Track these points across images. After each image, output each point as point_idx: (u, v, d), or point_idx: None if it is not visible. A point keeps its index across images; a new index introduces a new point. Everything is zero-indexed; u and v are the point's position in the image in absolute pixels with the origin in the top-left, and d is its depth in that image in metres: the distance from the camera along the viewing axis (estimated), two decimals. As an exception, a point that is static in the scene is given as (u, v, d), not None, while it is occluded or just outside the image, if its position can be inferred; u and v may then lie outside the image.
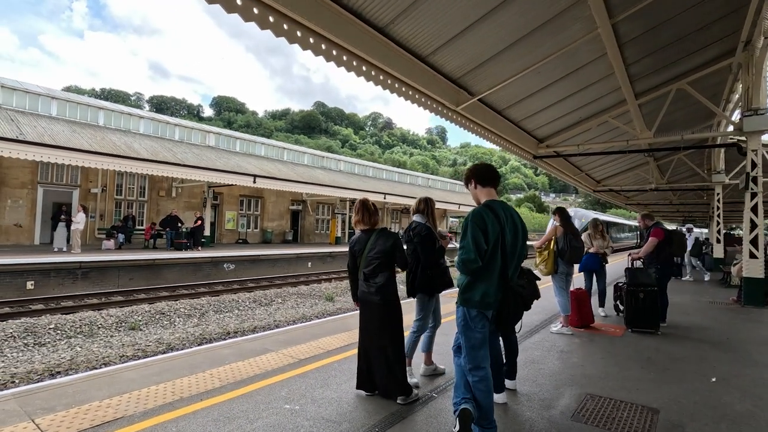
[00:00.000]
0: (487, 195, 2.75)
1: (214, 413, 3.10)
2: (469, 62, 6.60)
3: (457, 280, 2.72)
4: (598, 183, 18.57)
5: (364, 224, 3.56)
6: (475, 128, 8.43)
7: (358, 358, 3.55)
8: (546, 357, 4.72)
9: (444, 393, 3.62)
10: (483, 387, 2.57)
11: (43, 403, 3.19)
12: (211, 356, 4.45)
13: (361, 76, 5.32)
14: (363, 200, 3.62)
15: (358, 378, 3.54)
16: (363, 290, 3.49)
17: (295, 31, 4.29)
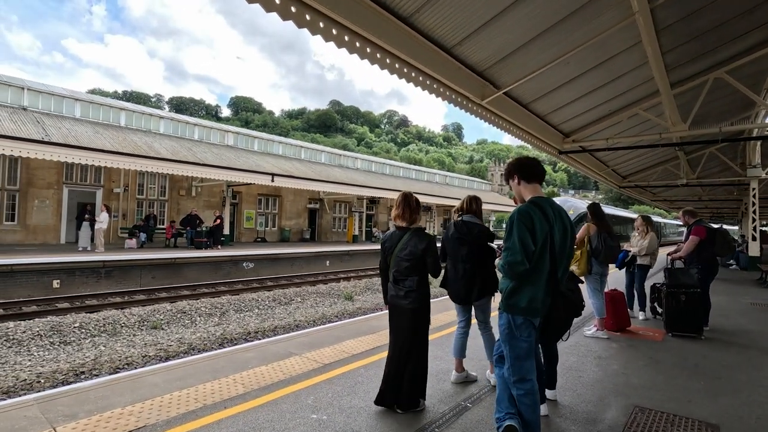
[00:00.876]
0: (533, 191, 2.52)
1: (239, 423, 2.95)
2: (496, 54, 6.33)
3: (500, 284, 2.50)
4: (624, 179, 17.97)
5: (402, 220, 3.31)
6: (500, 123, 8.14)
7: (387, 364, 3.31)
8: (583, 363, 4.45)
9: (478, 403, 3.41)
10: (529, 401, 2.35)
11: (66, 410, 3.11)
12: (234, 360, 4.33)
13: (385, 68, 5.12)
14: (406, 194, 3.37)
15: (382, 386, 3.27)
16: (392, 293, 3.29)
17: (317, 22, 4.13)
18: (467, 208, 3.79)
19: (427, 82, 5.92)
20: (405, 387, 3.18)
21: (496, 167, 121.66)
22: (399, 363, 3.23)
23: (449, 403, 3.39)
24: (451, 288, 3.70)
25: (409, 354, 3.20)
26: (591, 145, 11.02)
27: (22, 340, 7.54)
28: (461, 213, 3.81)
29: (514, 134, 9.08)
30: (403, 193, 3.40)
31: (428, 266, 3.20)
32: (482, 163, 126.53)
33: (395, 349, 3.28)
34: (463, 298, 3.67)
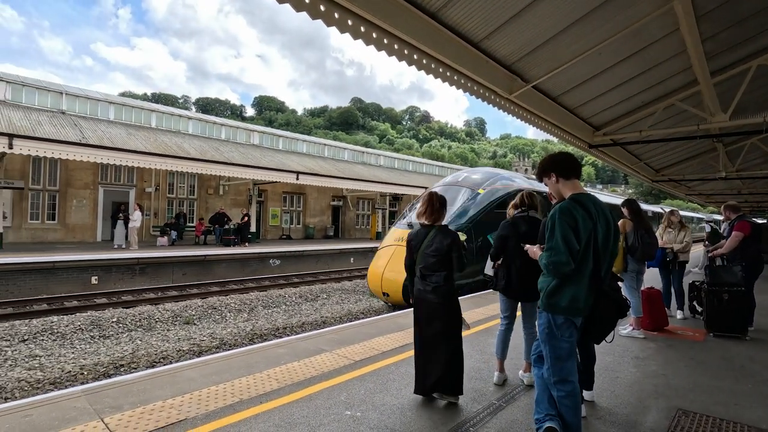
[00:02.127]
0: (573, 188, 2.45)
1: (275, 418, 3.01)
2: (525, 46, 6.18)
3: (539, 282, 2.45)
4: (657, 172, 17.30)
5: (426, 218, 3.44)
6: (528, 117, 7.97)
7: (416, 357, 3.43)
8: (620, 364, 4.32)
9: (512, 403, 3.36)
10: (570, 403, 2.30)
11: (111, 401, 3.24)
12: (267, 355, 4.41)
13: (413, 64, 5.08)
14: (431, 193, 3.50)
15: (417, 381, 3.39)
16: (419, 288, 3.38)
17: (346, 20, 4.14)
18: (530, 203, 3.77)
19: (455, 77, 5.85)
20: (437, 376, 3.25)
21: (520, 162, 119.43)
22: (427, 356, 3.33)
23: (482, 402, 3.36)
24: (511, 284, 3.62)
25: (439, 346, 3.28)
26: (623, 138, 10.66)
27: (65, 334, 7.91)
28: (525, 209, 3.76)
29: (542, 128, 8.88)
30: (428, 192, 3.55)
31: (454, 261, 3.31)
32: (506, 158, 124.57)
33: (422, 341, 3.38)
34: (525, 296, 3.63)
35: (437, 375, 3.26)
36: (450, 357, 3.27)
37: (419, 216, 3.49)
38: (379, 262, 9.13)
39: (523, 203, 3.85)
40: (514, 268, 3.63)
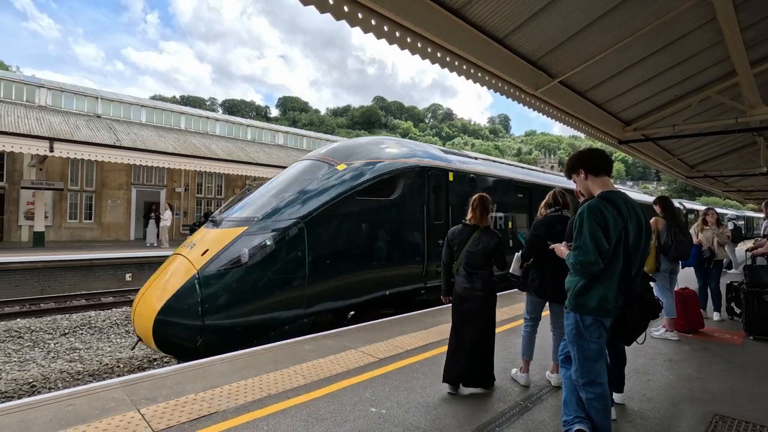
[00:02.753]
0: (602, 185, 2.39)
1: (302, 413, 3.07)
2: (551, 41, 6.05)
3: (566, 282, 2.40)
4: (692, 168, 16.60)
5: (475, 220, 3.63)
6: (554, 113, 7.80)
7: (449, 350, 3.61)
8: (652, 366, 4.19)
9: (539, 403, 3.31)
10: (599, 405, 2.25)
11: (147, 393, 3.38)
12: (293, 351, 4.50)
13: (436, 62, 5.06)
14: (482, 196, 3.70)
15: (446, 371, 3.55)
16: (465, 287, 3.55)
17: (369, 20, 4.16)
18: (563, 202, 3.71)
19: (479, 74, 5.79)
20: (476, 366, 3.48)
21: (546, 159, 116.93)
22: (465, 348, 3.52)
23: (508, 402, 3.33)
24: (545, 286, 3.56)
25: (479, 336, 3.52)
26: (655, 133, 10.29)
27: (102, 328, 8.28)
28: (558, 208, 3.69)
29: (569, 124, 8.67)
30: (479, 195, 3.72)
31: (497, 261, 3.58)
32: (531, 155, 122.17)
33: (462, 335, 3.56)
34: (558, 296, 3.54)
35: (471, 367, 3.47)
36: (484, 350, 3.52)
37: (471, 219, 3.63)
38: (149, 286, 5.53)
39: (556, 202, 3.76)
40: (548, 269, 3.57)
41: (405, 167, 6.96)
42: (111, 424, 2.86)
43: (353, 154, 6.90)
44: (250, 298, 5.13)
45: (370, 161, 6.74)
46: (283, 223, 5.52)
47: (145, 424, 2.88)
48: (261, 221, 5.52)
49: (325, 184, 6.10)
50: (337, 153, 6.96)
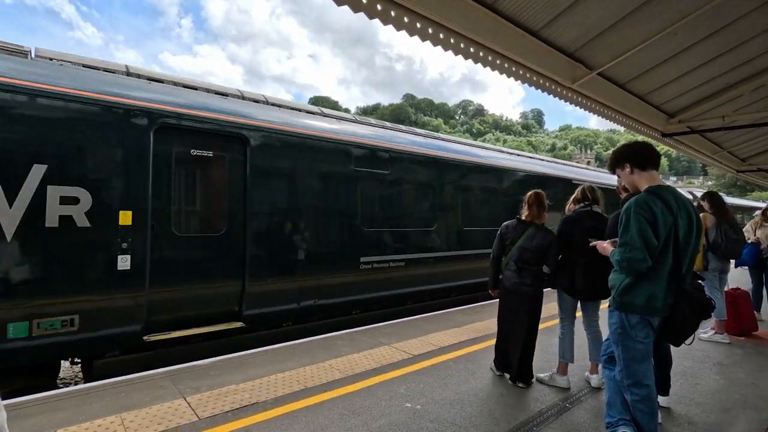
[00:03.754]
0: (650, 180, 2.29)
1: (339, 406, 3.13)
2: (589, 31, 5.83)
3: (610, 279, 2.33)
4: (742, 162, 15.58)
5: (532, 217, 3.63)
6: (592, 106, 7.52)
7: (497, 340, 3.78)
8: (701, 370, 3.99)
9: (578, 404, 3.23)
10: (645, 408, 2.17)
11: (191, 383, 3.54)
12: (327, 346, 4.58)
13: (469, 58, 4.99)
14: (538, 193, 3.69)
15: (496, 358, 3.79)
16: (514, 281, 3.58)
17: (402, 17, 4.16)
18: (593, 197, 3.62)
19: (513, 69, 5.67)
20: (514, 360, 3.59)
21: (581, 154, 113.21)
22: (508, 338, 3.66)
23: (545, 402, 3.27)
24: (575, 283, 3.49)
25: (523, 332, 3.57)
26: (702, 125, 9.73)
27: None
28: (588, 203, 3.60)
29: (608, 117, 8.34)
30: (535, 192, 3.72)
31: (549, 258, 3.55)
32: (566, 150, 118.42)
33: (509, 329, 3.66)
34: (589, 295, 3.51)
35: (517, 365, 3.58)
36: (527, 345, 3.57)
37: (527, 216, 3.67)
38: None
39: (585, 198, 3.66)
40: (578, 266, 3.48)
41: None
42: (161, 411, 3.02)
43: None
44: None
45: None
46: None
47: (191, 411, 3.02)
48: None
49: None
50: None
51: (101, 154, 4.08)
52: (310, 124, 5.89)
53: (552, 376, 3.63)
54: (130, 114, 4.23)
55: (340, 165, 5.97)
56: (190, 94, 4.96)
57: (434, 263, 7.16)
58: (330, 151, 5.83)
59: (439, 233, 7.29)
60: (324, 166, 5.75)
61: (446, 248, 7.42)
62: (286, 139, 5.38)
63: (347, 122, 6.78)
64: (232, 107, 5.12)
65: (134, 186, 4.19)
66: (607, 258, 2.86)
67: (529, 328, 3.58)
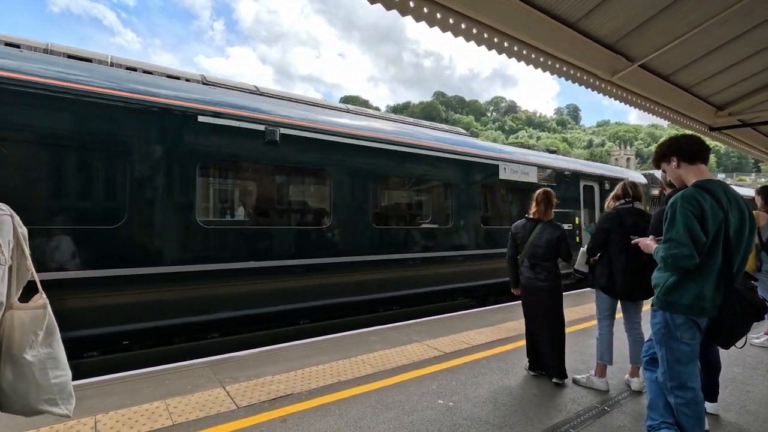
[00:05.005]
0: (698, 174, 2.19)
1: (371, 400, 3.17)
2: (630, 21, 5.59)
3: (654, 278, 2.24)
4: (800, 157, 14.53)
5: (539, 214, 3.72)
6: (633, 99, 7.20)
7: (527, 340, 3.82)
8: (752, 376, 3.77)
9: (618, 407, 3.13)
10: (691, 412, 2.08)
11: (230, 373, 3.68)
12: (360, 342, 4.64)
13: (503, 52, 4.91)
14: (546, 191, 3.79)
15: (529, 358, 3.81)
16: (529, 276, 3.66)
17: (435, 13, 4.14)
18: (634, 193, 3.51)
19: (549, 62, 5.52)
20: (546, 357, 3.61)
21: (620, 151, 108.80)
22: (535, 336, 3.70)
23: (583, 404, 3.18)
24: (615, 282, 3.37)
25: (547, 327, 3.61)
26: (755, 117, 9.13)
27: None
28: (629, 200, 3.49)
29: (650, 111, 7.97)
30: (544, 190, 3.81)
31: (562, 252, 3.60)
32: (603, 147, 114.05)
33: (534, 326, 3.72)
34: (629, 294, 3.39)
35: (548, 362, 3.60)
36: (555, 340, 3.57)
37: (534, 213, 3.75)
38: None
39: (626, 194, 3.54)
40: (618, 264, 3.36)
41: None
42: (201, 398, 3.16)
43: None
44: None
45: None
46: None
47: (230, 400, 3.14)
48: None
49: None
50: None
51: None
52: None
53: (589, 378, 3.52)
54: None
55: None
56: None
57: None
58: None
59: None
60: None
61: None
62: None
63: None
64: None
65: None
66: (650, 257, 2.72)
67: (553, 322, 3.59)
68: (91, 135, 4.06)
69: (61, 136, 3.93)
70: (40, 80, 3.85)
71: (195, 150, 4.62)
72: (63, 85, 3.96)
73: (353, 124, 6.17)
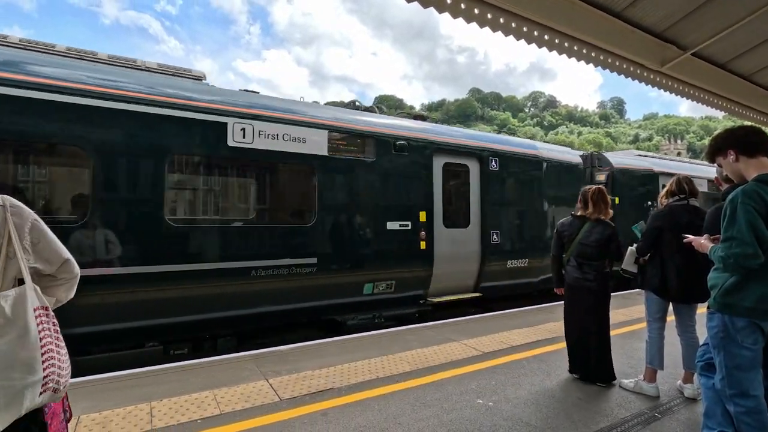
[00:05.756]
0: (759, 167, 2.04)
1: (410, 397, 3.19)
2: (682, 7, 5.28)
3: (711, 278, 2.12)
4: None
5: (591, 212, 3.58)
6: (685, 90, 6.80)
7: (567, 340, 3.70)
8: (823, 387, 3.47)
9: (670, 414, 2.98)
10: (753, 421, 1.95)
11: (272, 366, 3.81)
12: (397, 339, 4.67)
13: (543, 46, 4.77)
14: (600, 188, 3.67)
15: (570, 361, 3.68)
16: (576, 276, 3.54)
17: (472, 9, 4.10)
18: (690, 189, 3.33)
19: (592, 54, 5.32)
20: (591, 359, 3.48)
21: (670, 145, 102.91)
22: (579, 337, 3.55)
23: (631, 410, 3.05)
24: (667, 283, 3.21)
25: (593, 328, 3.48)
26: (825, 106, 8.39)
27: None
28: (683, 196, 3.31)
29: (704, 101, 7.48)
30: (597, 188, 3.68)
31: (612, 252, 3.49)
32: (651, 141, 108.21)
33: (576, 325, 3.58)
34: (683, 296, 3.22)
35: (594, 365, 3.46)
36: (601, 343, 3.47)
37: (591, 214, 3.59)
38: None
39: (681, 190, 3.35)
40: (671, 264, 3.19)
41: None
42: (247, 389, 3.30)
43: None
44: None
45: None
46: None
47: (273, 392, 3.25)
48: None
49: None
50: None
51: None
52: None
53: (638, 383, 3.37)
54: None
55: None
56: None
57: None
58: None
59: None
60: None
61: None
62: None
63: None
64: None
65: None
66: (705, 257, 2.54)
67: (598, 323, 3.48)
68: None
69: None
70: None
71: None
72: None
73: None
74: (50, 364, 1.41)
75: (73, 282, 1.61)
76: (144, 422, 2.78)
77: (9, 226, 1.39)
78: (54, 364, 1.43)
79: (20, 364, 1.33)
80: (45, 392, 1.39)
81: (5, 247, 1.39)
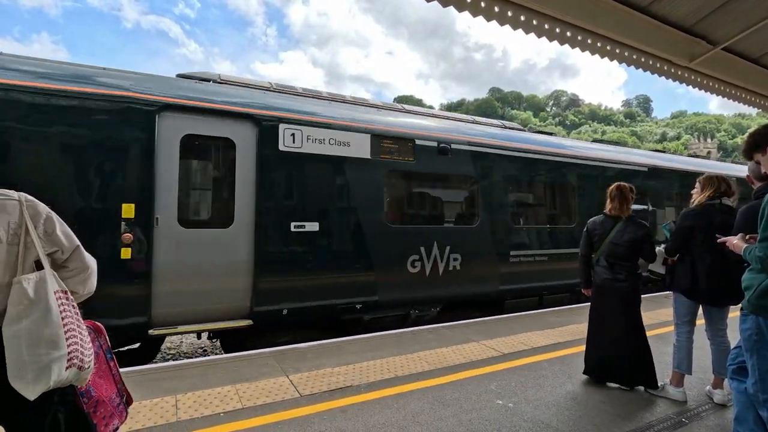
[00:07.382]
0: None
1: (429, 396, 3.18)
2: (711, 1, 5.13)
3: (745, 280, 2.05)
4: None
5: (615, 210, 3.51)
6: (715, 86, 6.56)
7: (588, 344, 3.58)
8: None
9: (698, 420, 2.89)
10: (787, 428, 1.87)
11: (292, 363, 3.86)
12: (417, 339, 4.66)
13: (565, 43, 4.66)
14: (620, 185, 3.57)
15: (586, 364, 3.57)
16: (606, 277, 3.47)
17: (492, 7, 4.06)
18: (725, 189, 3.19)
19: (616, 51, 5.20)
20: (618, 363, 3.37)
21: (699, 143, 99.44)
22: (605, 340, 3.44)
23: (657, 415, 2.97)
24: (698, 285, 3.11)
25: (623, 331, 3.38)
26: None
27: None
28: (718, 195, 3.18)
29: (736, 98, 7.20)
30: (618, 185, 3.58)
31: (645, 252, 3.37)
32: (679, 140, 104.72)
33: (599, 330, 3.48)
34: (714, 299, 3.12)
35: (625, 369, 3.36)
36: (639, 347, 3.35)
37: (612, 210, 3.52)
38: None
39: (716, 189, 3.22)
40: (702, 266, 3.08)
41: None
42: (267, 385, 3.36)
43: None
44: None
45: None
46: None
47: (293, 388, 3.30)
48: None
49: None
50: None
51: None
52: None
53: (664, 387, 3.28)
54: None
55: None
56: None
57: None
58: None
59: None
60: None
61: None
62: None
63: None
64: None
65: None
66: (738, 258, 2.43)
67: (630, 326, 3.38)
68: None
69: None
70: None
71: None
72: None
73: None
74: (73, 342, 1.50)
75: (85, 275, 1.66)
76: (170, 414, 2.86)
77: (25, 218, 1.50)
78: (77, 342, 1.52)
79: (45, 341, 1.42)
80: (71, 367, 1.48)
81: (23, 236, 1.49)
